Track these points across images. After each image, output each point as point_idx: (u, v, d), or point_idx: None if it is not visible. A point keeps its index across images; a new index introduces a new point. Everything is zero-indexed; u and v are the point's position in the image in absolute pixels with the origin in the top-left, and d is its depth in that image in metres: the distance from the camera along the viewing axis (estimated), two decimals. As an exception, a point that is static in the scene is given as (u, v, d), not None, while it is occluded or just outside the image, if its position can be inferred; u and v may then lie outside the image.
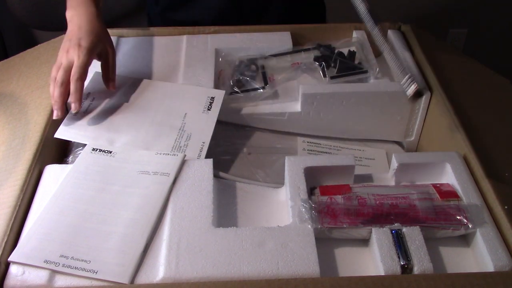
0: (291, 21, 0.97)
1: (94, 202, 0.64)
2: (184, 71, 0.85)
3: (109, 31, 0.92)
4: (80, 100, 0.73)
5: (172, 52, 0.89)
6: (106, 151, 0.71)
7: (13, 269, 0.57)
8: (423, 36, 0.92)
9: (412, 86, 0.76)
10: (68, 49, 0.75)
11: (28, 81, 0.81)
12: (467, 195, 0.65)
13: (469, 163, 0.69)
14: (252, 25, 0.95)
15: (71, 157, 0.75)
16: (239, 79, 0.84)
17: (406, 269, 0.57)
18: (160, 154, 0.70)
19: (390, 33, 0.93)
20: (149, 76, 0.84)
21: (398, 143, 0.88)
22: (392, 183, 0.70)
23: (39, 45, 0.90)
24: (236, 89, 0.82)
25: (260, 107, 0.82)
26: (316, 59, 0.87)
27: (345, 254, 0.63)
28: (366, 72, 0.85)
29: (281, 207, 0.68)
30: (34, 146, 0.69)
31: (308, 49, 0.90)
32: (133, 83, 0.82)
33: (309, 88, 0.81)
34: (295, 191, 0.65)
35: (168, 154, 0.70)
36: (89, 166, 0.69)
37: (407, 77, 0.77)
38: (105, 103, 0.78)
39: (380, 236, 0.60)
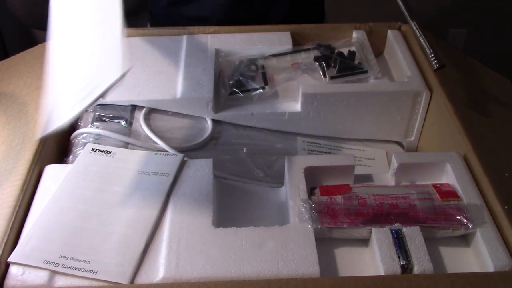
0: (296, 16, 0.96)
1: (93, 203, 0.64)
2: (184, 71, 0.85)
3: (109, 31, 0.92)
4: None
5: (172, 52, 0.89)
6: (106, 151, 0.71)
7: (13, 269, 0.57)
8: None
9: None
10: None
11: (28, 81, 0.81)
12: (467, 195, 0.65)
13: (469, 163, 0.69)
14: (260, 20, 0.94)
15: (71, 157, 0.75)
16: (239, 79, 0.84)
17: (406, 269, 0.57)
18: (160, 154, 0.70)
19: (390, 33, 0.93)
20: (148, 76, 0.84)
21: (398, 143, 0.88)
22: (392, 183, 0.70)
23: (39, 45, 0.90)
24: (236, 89, 0.82)
25: (260, 107, 0.82)
26: (316, 59, 0.87)
27: (345, 254, 0.63)
28: (366, 72, 0.85)
29: (281, 207, 0.68)
30: (34, 146, 0.69)
31: (308, 49, 0.90)
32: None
33: (309, 88, 0.80)
34: (295, 191, 0.65)
35: (168, 154, 0.70)
36: (89, 167, 0.69)
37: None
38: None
39: (380, 236, 0.60)
